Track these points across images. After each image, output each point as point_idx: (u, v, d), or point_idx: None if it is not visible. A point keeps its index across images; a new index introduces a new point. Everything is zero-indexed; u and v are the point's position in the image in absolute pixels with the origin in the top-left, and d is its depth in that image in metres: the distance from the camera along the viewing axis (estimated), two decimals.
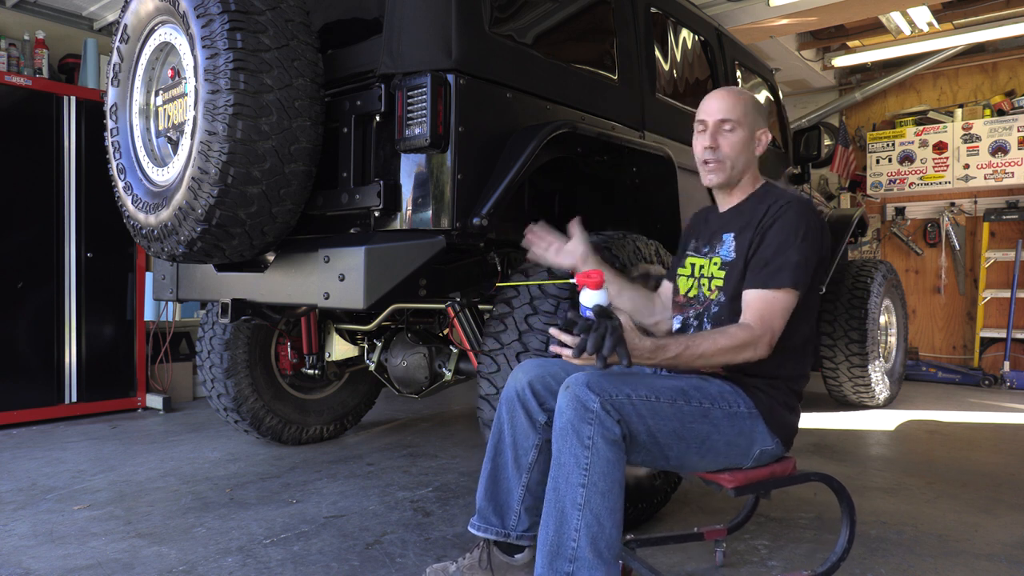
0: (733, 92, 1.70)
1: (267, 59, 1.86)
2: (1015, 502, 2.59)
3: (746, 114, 1.66)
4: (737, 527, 1.98)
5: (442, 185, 1.98)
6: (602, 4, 2.59)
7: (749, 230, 1.62)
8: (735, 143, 1.65)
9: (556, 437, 1.36)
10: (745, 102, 1.68)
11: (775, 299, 1.51)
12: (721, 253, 1.67)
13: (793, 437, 1.62)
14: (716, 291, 1.65)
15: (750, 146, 1.68)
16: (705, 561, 1.98)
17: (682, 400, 1.44)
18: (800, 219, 1.56)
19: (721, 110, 1.66)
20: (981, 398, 5.12)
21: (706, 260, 1.72)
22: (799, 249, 1.52)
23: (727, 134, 1.65)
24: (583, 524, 1.30)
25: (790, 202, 1.59)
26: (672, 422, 1.41)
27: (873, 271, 4.51)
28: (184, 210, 1.94)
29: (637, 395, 1.38)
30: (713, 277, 1.67)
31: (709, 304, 1.67)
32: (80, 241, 3.94)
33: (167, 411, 4.21)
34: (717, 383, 1.54)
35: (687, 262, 1.78)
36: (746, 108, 1.67)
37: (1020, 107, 5.90)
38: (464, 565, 1.69)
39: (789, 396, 1.61)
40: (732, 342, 1.45)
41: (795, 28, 5.06)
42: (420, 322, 2.93)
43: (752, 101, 1.70)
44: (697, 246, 1.78)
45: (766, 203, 1.63)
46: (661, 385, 1.44)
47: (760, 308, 1.50)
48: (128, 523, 2.26)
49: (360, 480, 2.78)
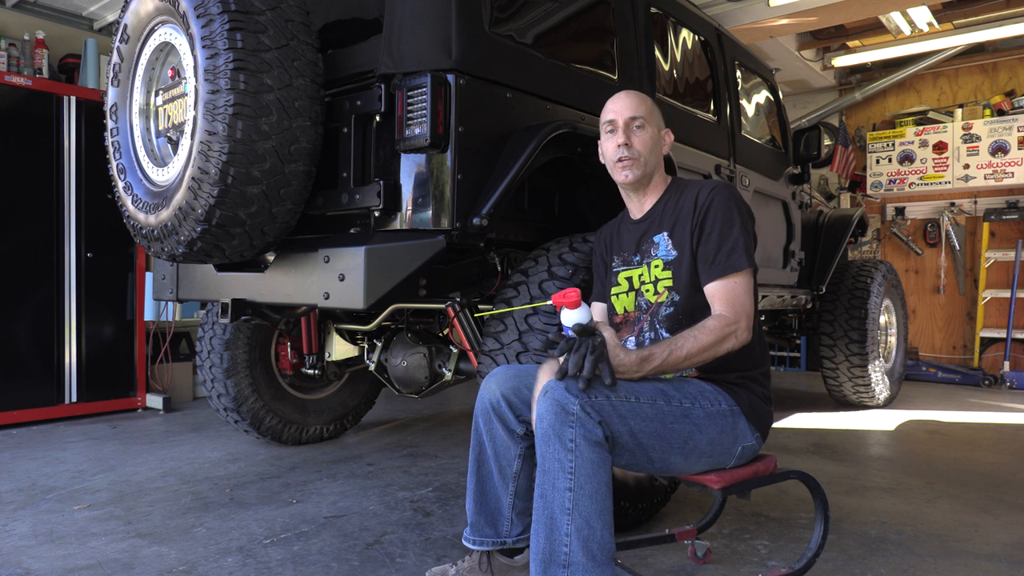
0: (637, 93, 1.74)
1: (267, 59, 1.86)
2: (1015, 502, 2.59)
3: (651, 113, 1.71)
4: (706, 526, 1.99)
5: (442, 185, 1.98)
6: (602, 4, 2.59)
7: (683, 223, 1.62)
8: (646, 140, 1.68)
9: (539, 443, 1.35)
10: (649, 102, 1.72)
11: (737, 283, 1.52)
12: (659, 255, 1.66)
13: (770, 428, 1.64)
14: (665, 292, 1.64)
15: (658, 144, 1.72)
16: (706, 561, 1.98)
17: (662, 400, 1.44)
18: (731, 201, 1.58)
19: (629, 108, 1.69)
20: (981, 398, 5.12)
21: (642, 268, 1.70)
22: (742, 231, 1.55)
23: (638, 131, 1.68)
24: (573, 528, 1.29)
25: (715, 188, 1.61)
26: (653, 423, 1.41)
27: (873, 271, 4.51)
28: (184, 210, 1.94)
29: (617, 396, 1.37)
30: (658, 280, 1.65)
31: (656, 308, 1.65)
32: (80, 241, 3.94)
33: (167, 411, 4.21)
34: (696, 382, 1.54)
35: (620, 278, 1.75)
36: (651, 107, 1.72)
37: (1020, 107, 5.91)
38: (464, 568, 1.69)
39: (763, 386, 1.62)
40: (713, 336, 1.45)
41: (795, 28, 5.06)
42: (420, 322, 2.93)
43: (654, 103, 1.75)
44: (624, 259, 1.76)
45: (689, 194, 1.65)
46: (640, 387, 1.43)
47: (726, 296, 1.51)
48: (128, 523, 2.26)
49: (360, 480, 2.78)
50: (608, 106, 1.73)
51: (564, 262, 2.09)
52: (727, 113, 3.35)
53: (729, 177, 3.25)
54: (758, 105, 3.83)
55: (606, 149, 1.73)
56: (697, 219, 1.59)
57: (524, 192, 2.55)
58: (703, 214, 1.58)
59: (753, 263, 1.54)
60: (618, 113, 1.69)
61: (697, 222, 1.59)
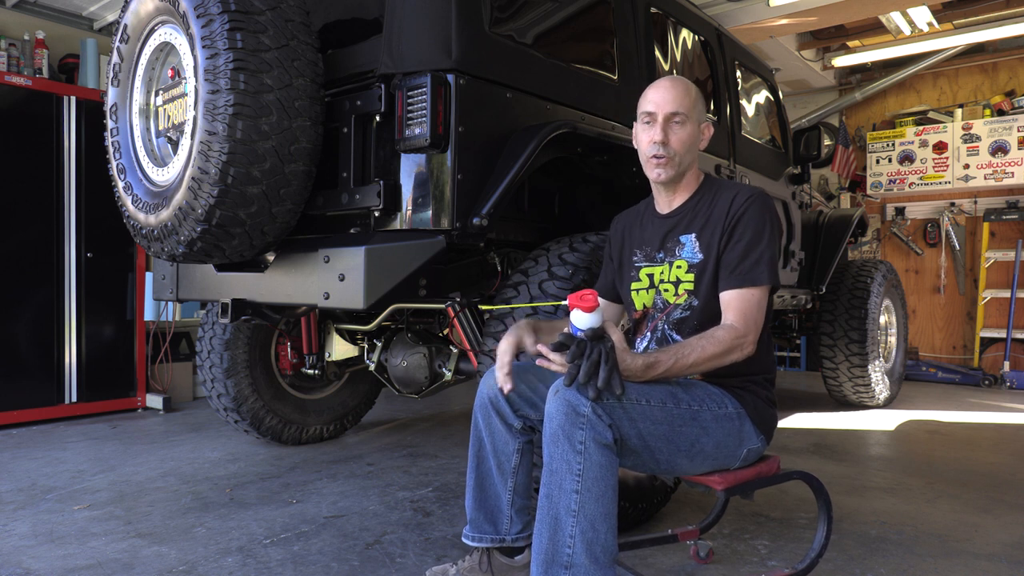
0: (683, 82, 1.61)
1: (267, 59, 1.86)
2: (1015, 502, 2.59)
3: (694, 107, 1.60)
4: (709, 527, 1.99)
5: (442, 185, 1.98)
6: (602, 4, 2.59)
7: (712, 227, 1.57)
8: (685, 138, 1.59)
9: (547, 443, 1.33)
10: (694, 94, 1.60)
11: (753, 296, 1.50)
12: (684, 255, 1.61)
13: (774, 430, 1.63)
14: (685, 295, 1.60)
15: (697, 141, 1.62)
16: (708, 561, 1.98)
17: (671, 403, 1.42)
18: (764, 214, 1.54)
19: (672, 102, 1.57)
20: (981, 398, 5.12)
21: (664, 266, 1.65)
22: (769, 245, 1.52)
23: (677, 128, 1.58)
24: (578, 530, 1.28)
25: (753, 196, 1.56)
26: (662, 426, 1.40)
27: (873, 271, 4.51)
28: (184, 210, 1.94)
29: (628, 399, 1.36)
30: (680, 281, 1.61)
31: (671, 310, 1.62)
32: (80, 241, 3.94)
33: (167, 411, 4.21)
34: (702, 384, 1.54)
35: (641, 274, 1.69)
36: (694, 100, 1.60)
37: (1020, 107, 5.91)
38: (464, 568, 1.69)
39: (768, 389, 1.61)
40: (720, 347, 1.43)
41: (795, 28, 5.06)
42: (420, 322, 2.93)
43: (698, 94, 1.62)
44: (647, 254, 1.70)
45: (723, 198, 1.59)
46: (651, 389, 1.42)
47: (741, 307, 1.49)
48: (128, 523, 2.26)
49: (360, 480, 2.78)
50: (649, 94, 1.61)
51: (564, 262, 2.09)
52: (727, 113, 3.35)
53: (729, 177, 3.25)
54: (758, 105, 3.83)
55: (640, 140, 1.63)
56: (728, 225, 1.54)
57: (524, 192, 2.55)
58: (735, 221, 1.54)
59: (774, 280, 1.51)
60: (658, 106, 1.58)
61: (728, 228, 1.54)
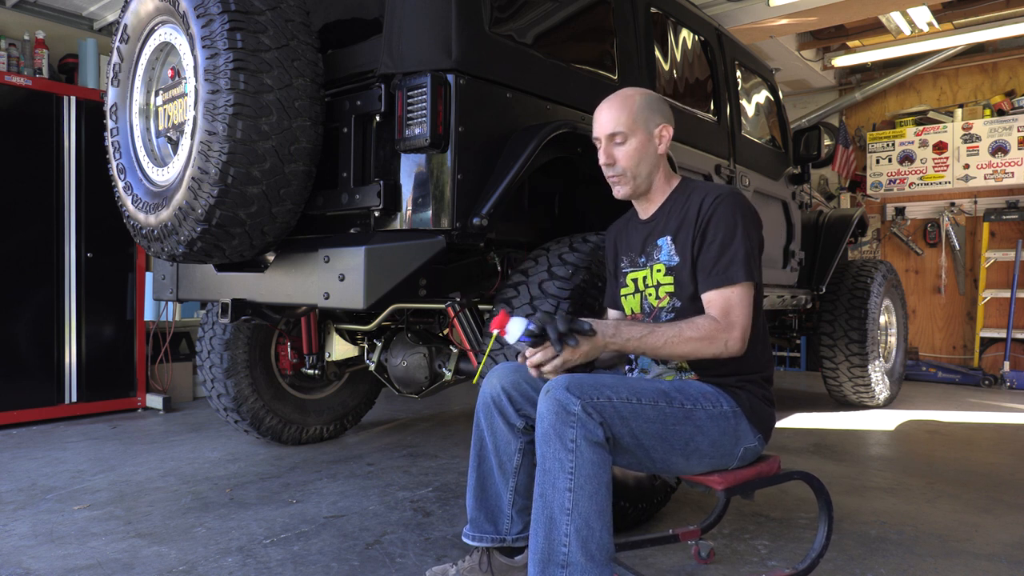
0: (619, 98, 1.64)
1: (267, 59, 1.86)
2: (1015, 502, 2.59)
3: (635, 120, 1.61)
4: (710, 527, 1.99)
5: (442, 185, 1.98)
6: (602, 4, 2.59)
7: (686, 229, 1.59)
8: (630, 153, 1.61)
9: (540, 442, 1.35)
10: (633, 106, 1.62)
11: (733, 294, 1.50)
12: (662, 259, 1.63)
13: (772, 430, 1.63)
14: (667, 297, 1.62)
15: (650, 149, 1.63)
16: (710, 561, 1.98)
17: (664, 402, 1.43)
18: (735, 211, 1.54)
19: (609, 122, 1.61)
20: (981, 398, 5.12)
21: (646, 270, 1.68)
22: (743, 242, 1.52)
23: (619, 147, 1.62)
24: (573, 528, 1.29)
25: (721, 195, 1.57)
26: (654, 424, 1.40)
27: (873, 271, 4.51)
28: (184, 210, 1.94)
29: (618, 397, 1.37)
30: (660, 284, 1.63)
31: (657, 313, 1.65)
32: (80, 241, 3.94)
33: (167, 411, 4.21)
34: (696, 384, 1.54)
35: (628, 279, 1.73)
36: (634, 113, 1.61)
37: (1020, 107, 5.91)
38: (464, 568, 1.69)
39: (765, 388, 1.61)
40: (698, 333, 1.45)
41: (795, 28, 5.06)
42: (420, 322, 2.93)
43: (643, 101, 1.63)
44: (631, 260, 1.74)
45: (695, 199, 1.60)
46: (642, 387, 1.43)
47: (722, 306, 1.50)
48: (128, 523, 2.26)
49: (360, 480, 2.78)
50: (594, 116, 1.66)
51: (564, 262, 2.09)
52: (727, 113, 3.35)
53: (729, 177, 3.25)
54: (758, 105, 3.83)
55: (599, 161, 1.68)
56: (700, 227, 1.56)
57: (524, 192, 2.55)
58: (706, 222, 1.55)
59: (752, 276, 1.51)
60: (599, 128, 1.64)
61: (699, 230, 1.56)
